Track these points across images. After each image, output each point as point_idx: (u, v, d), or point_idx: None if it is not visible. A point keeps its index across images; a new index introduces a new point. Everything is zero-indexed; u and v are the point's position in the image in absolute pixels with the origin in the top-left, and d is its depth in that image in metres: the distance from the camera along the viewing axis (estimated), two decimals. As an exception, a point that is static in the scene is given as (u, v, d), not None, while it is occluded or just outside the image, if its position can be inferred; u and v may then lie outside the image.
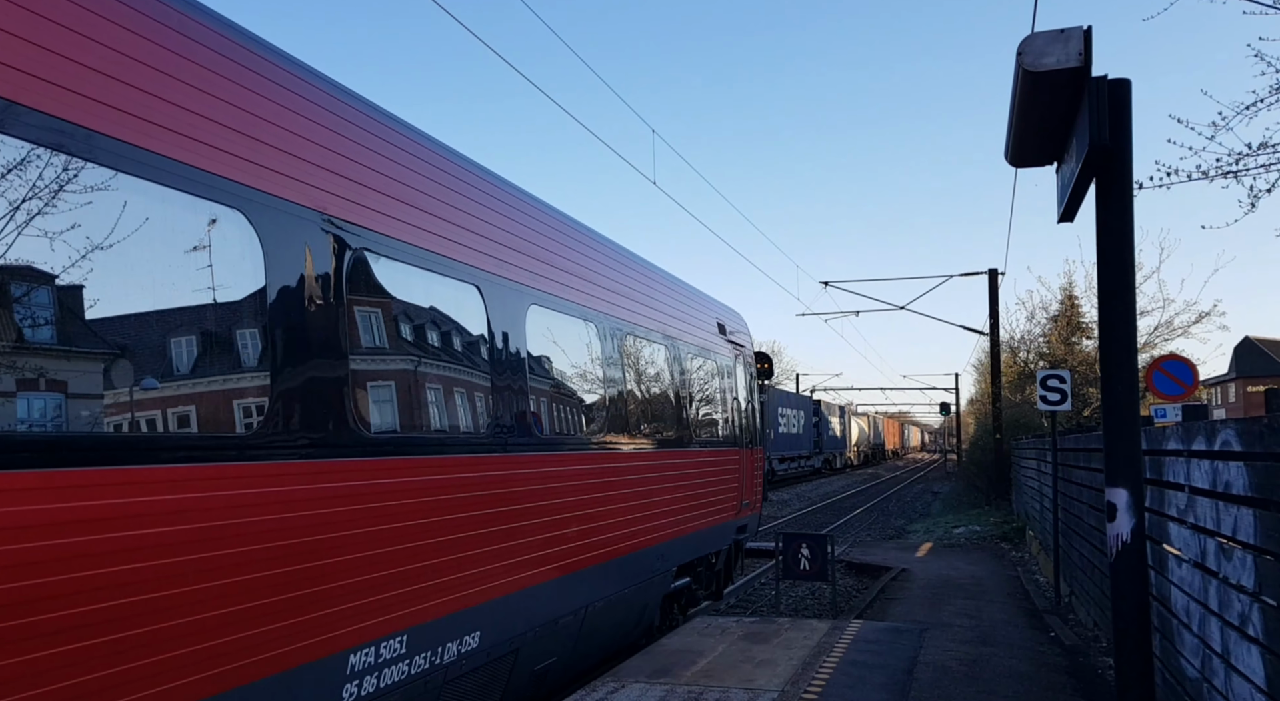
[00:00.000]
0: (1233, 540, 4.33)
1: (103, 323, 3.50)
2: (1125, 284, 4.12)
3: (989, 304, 27.09)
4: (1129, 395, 4.05)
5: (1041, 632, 9.88)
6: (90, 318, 3.44)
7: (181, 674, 3.63)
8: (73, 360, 3.38)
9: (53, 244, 3.30)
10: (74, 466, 3.26)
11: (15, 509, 3.05)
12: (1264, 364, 70.33)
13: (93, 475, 3.32)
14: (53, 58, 3.37)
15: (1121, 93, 3.94)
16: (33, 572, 3.09)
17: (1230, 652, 4.37)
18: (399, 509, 4.98)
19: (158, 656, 3.53)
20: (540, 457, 6.63)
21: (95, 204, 3.46)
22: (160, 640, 3.53)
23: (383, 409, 5.06)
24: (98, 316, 3.48)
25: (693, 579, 10.84)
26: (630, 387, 8.56)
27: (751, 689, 7.26)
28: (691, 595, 11.15)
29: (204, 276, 3.94)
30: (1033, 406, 23.87)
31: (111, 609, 3.34)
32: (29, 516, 3.09)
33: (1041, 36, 3.84)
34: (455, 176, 6.09)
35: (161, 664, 3.54)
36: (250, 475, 4.03)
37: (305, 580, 4.28)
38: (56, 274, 3.33)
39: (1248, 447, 4.14)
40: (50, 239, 3.30)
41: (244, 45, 4.44)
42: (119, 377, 3.53)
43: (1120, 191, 4.06)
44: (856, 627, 9.67)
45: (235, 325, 4.12)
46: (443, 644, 5.41)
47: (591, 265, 8.14)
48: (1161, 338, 27.56)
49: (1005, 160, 4.81)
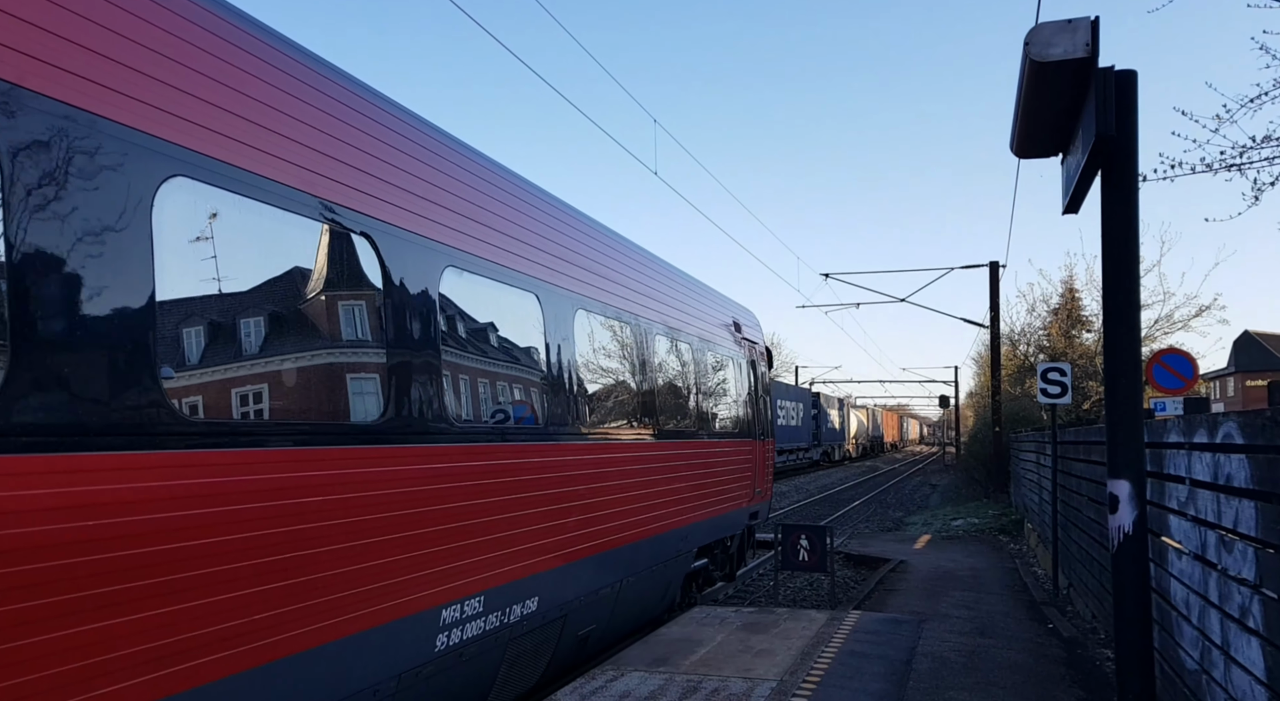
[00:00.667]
0: (1233, 532, 4.33)
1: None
2: (1130, 275, 4.12)
3: (989, 297, 27.08)
4: (1132, 386, 4.05)
5: (1040, 624, 9.91)
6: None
7: (352, 607, 4.63)
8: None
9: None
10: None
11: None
12: (1263, 358, 70.38)
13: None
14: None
15: (1128, 84, 3.93)
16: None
17: (1230, 644, 4.38)
18: (481, 488, 5.83)
19: (342, 592, 4.55)
20: (585, 446, 7.44)
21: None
22: (338, 583, 4.53)
23: (469, 401, 6.00)
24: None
25: (709, 560, 11.54)
26: (660, 383, 9.34)
27: (750, 678, 7.28)
28: (708, 575, 11.77)
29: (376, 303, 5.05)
30: (1032, 399, 23.93)
31: (342, 553, 4.54)
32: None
33: (1048, 27, 3.83)
34: (526, 202, 7.05)
35: (338, 600, 4.53)
36: (384, 456, 4.91)
37: (415, 544, 5.11)
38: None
39: (1250, 440, 4.14)
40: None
41: (432, 136, 5.84)
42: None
43: (1125, 183, 4.06)
44: (855, 618, 9.69)
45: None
46: (510, 606, 6.22)
47: (634, 274, 9.13)
48: (1162, 331, 27.60)
49: (1010, 151, 4.80)
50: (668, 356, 9.70)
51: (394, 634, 4.96)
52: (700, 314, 11.17)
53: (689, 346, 10.38)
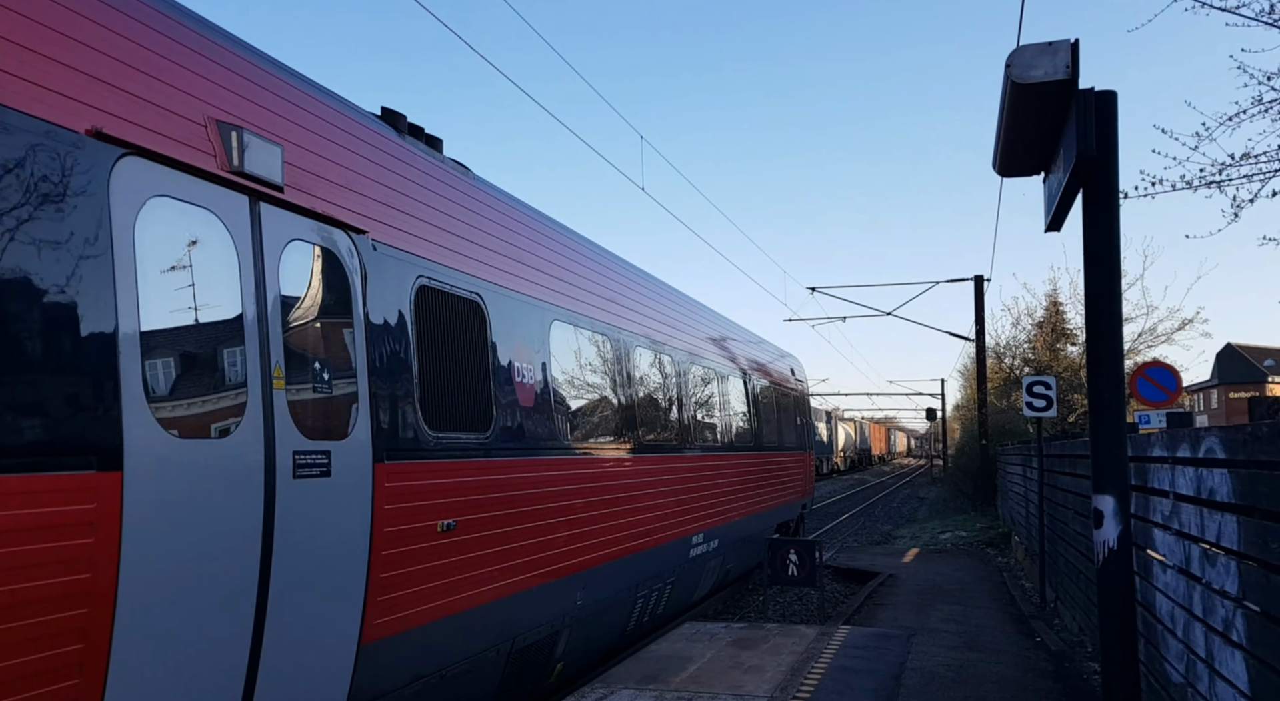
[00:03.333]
0: (1216, 546, 4.38)
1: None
2: (1111, 291, 4.17)
3: (975, 310, 27.26)
4: (1115, 402, 4.10)
5: (1027, 638, 9.95)
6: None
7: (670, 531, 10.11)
8: None
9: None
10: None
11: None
12: (1246, 370, 70.98)
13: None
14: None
15: (1108, 104, 4.00)
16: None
17: (1214, 657, 4.42)
18: (711, 475, 11.70)
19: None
20: (741, 457, 13.49)
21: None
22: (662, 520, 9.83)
23: (718, 428, 12.73)
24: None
25: (780, 533, 17.00)
26: (757, 413, 14.78)
27: (740, 695, 7.27)
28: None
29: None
30: (1018, 412, 24.01)
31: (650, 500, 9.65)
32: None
33: (1029, 49, 3.89)
34: (635, 281, 10.46)
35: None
36: (676, 460, 10.54)
37: (681, 506, 10.40)
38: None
39: (1231, 455, 4.19)
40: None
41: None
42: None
43: (1107, 201, 4.12)
44: (844, 633, 9.70)
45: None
46: (712, 540, 11.66)
47: (734, 340, 14.59)
48: (1145, 344, 27.76)
49: (993, 170, 4.86)
50: (765, 396, 15.46)
51: (678, 545, 10.25)
52: (778, 368, 17.04)
53: (773, 390, 16.15)
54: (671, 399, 10.53)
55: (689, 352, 11.34)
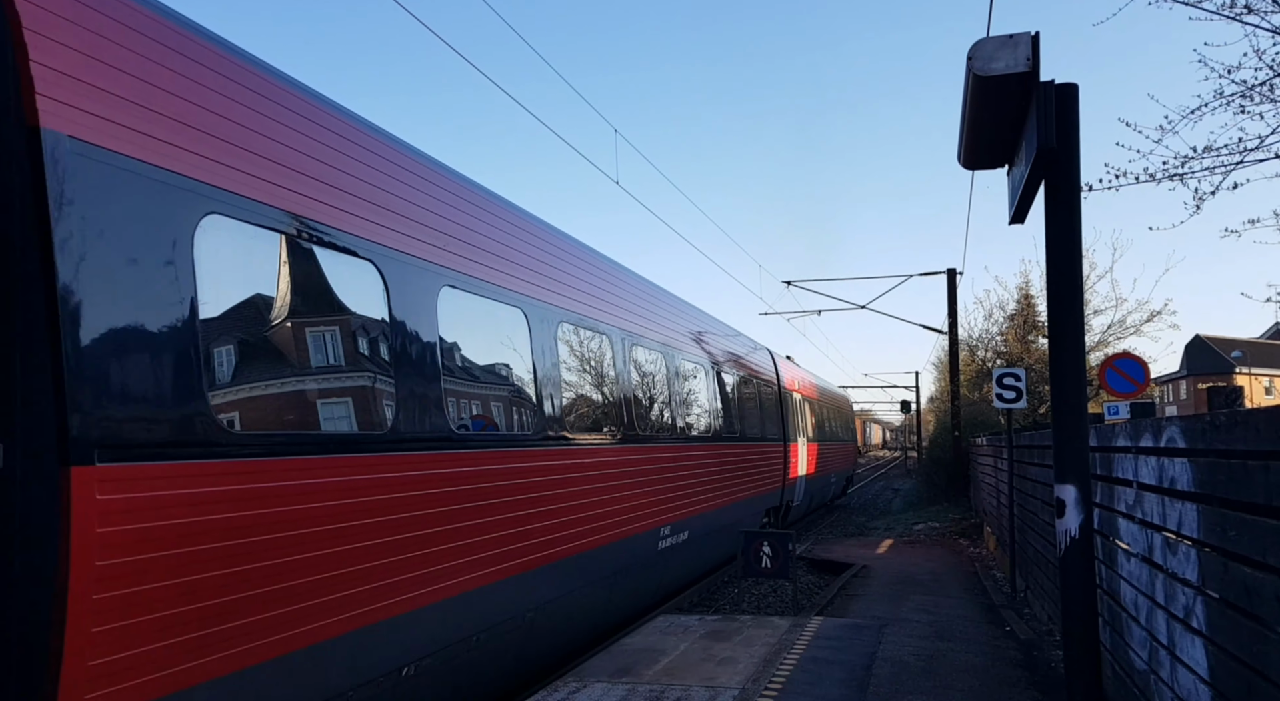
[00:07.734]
0: (1178, 534, 4.43)
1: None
2: (1073, 282, 4.20)
3: (948, 303, 27.45)
4: (1077, 393, 4.14)
5: (997, 627, 10.04)
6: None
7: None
8: None
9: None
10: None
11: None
12: (1214, 362, 72.07)
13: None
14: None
15: (1069, 97, 4.02)
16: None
17: (1175, 644, 4.48)
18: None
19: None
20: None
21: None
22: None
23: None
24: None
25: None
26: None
27: (713, 686, 7.29)
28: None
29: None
30: (990, 404, 24.24)
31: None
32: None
33: (991, 42, 3.91)
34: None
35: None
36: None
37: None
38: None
39: (1191, 444, 4.24)
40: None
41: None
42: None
43: (1068, 193, 4.15)
44: (817, 624, 9.75)
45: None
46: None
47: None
48: (1115, 336, 28.08)
49: (958, 163, 4.88)
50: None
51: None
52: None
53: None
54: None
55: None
